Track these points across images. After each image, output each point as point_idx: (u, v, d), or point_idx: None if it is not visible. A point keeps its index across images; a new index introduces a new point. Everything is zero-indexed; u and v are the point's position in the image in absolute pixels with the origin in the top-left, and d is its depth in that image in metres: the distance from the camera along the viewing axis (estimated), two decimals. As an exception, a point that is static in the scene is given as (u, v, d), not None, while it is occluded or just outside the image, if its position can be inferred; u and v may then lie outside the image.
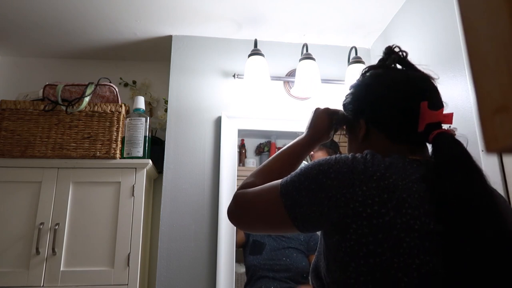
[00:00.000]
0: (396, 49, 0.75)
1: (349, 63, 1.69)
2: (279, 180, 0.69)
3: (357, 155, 0.63)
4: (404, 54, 0.74)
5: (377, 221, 0.55)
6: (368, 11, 1.63)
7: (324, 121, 0.86)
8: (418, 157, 0.65)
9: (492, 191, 0.59)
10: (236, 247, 1.55)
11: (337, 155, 0.65)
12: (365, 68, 0.77)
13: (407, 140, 0.68)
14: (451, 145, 0.61)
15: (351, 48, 1.73)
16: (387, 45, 0.77)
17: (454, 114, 0.67)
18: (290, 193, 0.64)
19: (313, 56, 1.66)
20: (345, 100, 0.79)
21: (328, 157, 0.65)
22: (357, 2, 1.57)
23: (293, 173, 0.67)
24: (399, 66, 0.75)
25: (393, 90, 0.70)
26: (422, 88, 0.69)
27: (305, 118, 1.69)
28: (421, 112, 0.65)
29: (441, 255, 0.54)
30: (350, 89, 0.78)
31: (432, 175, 0.60)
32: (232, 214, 0.75)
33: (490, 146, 0.27)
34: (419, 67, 0.74)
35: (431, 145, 0.65)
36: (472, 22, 0.30)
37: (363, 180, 0.58)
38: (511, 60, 0.26)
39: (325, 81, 1.74)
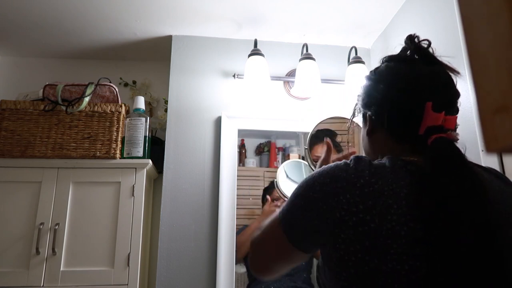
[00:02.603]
0: (416, 40, 0.69)
1: (349, 63, 1.69)
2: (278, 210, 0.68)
3: (340, 162, 0.63)
4: (426, 44, 0.69)
5: (363, 228, 0.55)
6: (368, 11, 1.63)
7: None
8: (417, 159, 0.62)
9: (485, 198, 0.55)
10: (236, 262, 1.54)
11: (322, 168, 0.64)
12: (384, 58, 0.73)
13: (409, 140, 0.66)
14: (443, 152, 0.58)
15: (351, 48, 1.73)
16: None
17: None
18: (286, 216, 0.64)
19: (313, 56, 1.66)
20: (359, 91, 0.76)
21: (314, 171, 0.65)
22: (357, 2, 1.57)
23: (287, 199, 0.67)
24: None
25: (398, 88, 0.67)
26: (431, 87, 0.65)
27: (305, 118, 1.71)
28: (424, 114, 0.62)
29: (430, 261, 0.53)
30: (364, 80, 0.75)
31: (424, 180, 0.58)
32: (252, 261, 0.72)
33: (490, 146, 0.27)
34: (441, 59, 0.68)
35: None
36: (472, 22, 0.30)
37: (346, 188, 0.58)
38: (511, 60, 0.25)
39: (325, 81, 1.74)
